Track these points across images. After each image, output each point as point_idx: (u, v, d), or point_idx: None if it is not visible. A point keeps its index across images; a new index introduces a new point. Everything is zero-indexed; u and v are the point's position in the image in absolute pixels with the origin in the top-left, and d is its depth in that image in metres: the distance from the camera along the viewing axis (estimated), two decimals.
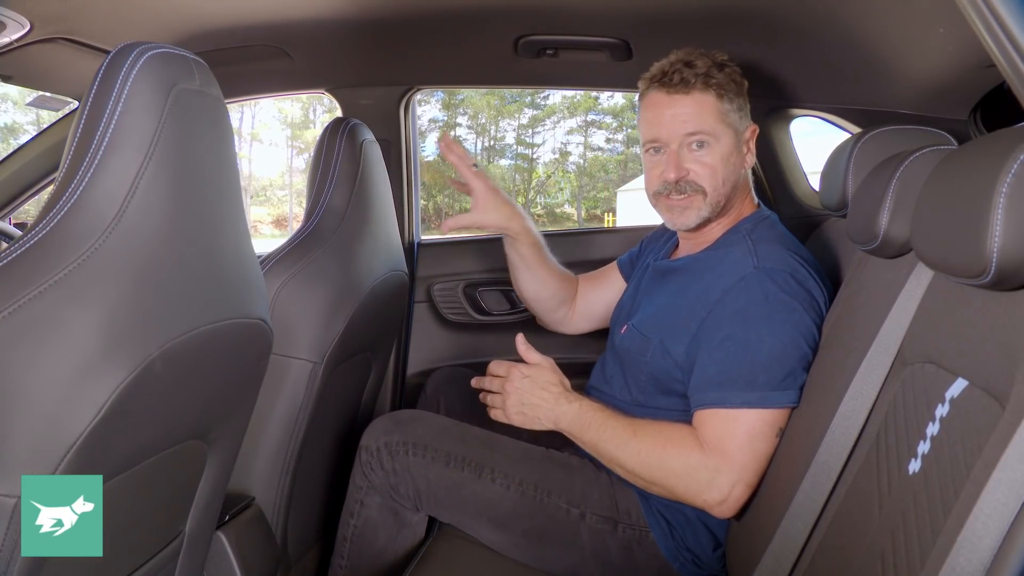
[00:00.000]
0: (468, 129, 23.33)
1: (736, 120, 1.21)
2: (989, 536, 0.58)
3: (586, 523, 1.18)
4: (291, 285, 1.18)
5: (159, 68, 0.72)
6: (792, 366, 1.07)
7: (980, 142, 0.72)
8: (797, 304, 1.09)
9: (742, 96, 1.22)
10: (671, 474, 1.09)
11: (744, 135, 1.23)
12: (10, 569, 0.65)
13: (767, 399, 1.06)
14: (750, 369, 1.07)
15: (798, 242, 1.22)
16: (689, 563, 1.18)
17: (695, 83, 1.18)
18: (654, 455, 1.10)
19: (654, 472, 1.10)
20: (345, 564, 1.27)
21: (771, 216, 1.26)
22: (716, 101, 1.19)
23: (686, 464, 1.07)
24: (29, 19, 1.23)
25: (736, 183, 1.23)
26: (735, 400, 1.06)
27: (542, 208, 23.66)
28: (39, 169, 1.79)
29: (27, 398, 0.62)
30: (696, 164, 1.19)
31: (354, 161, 1.31)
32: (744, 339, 1.08)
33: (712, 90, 1.18)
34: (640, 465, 1.11)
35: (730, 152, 1.20)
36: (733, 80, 1.21)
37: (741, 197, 1.26)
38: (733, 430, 1.06)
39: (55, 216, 0.67)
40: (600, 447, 1.14)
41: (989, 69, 1.15)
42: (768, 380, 1.06)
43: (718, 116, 1.19)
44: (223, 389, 0.89)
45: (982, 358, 0.68)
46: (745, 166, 1.24)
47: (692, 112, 1.18)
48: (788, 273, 1.11)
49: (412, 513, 1.24)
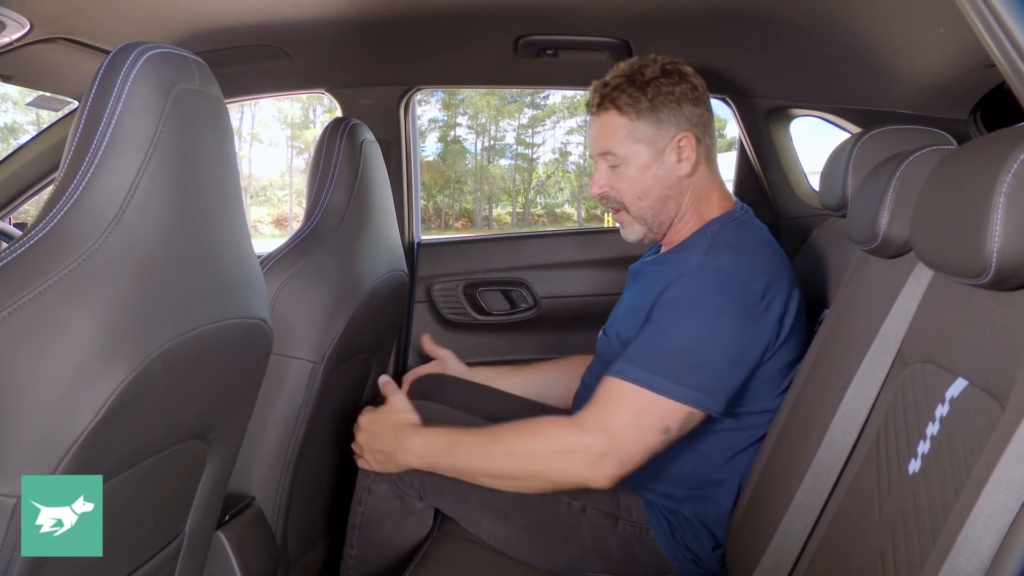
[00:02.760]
0: (468, 129, 23.34)
1: (650, 134, 1.19)
2: (989, 536, 0.58)
3: (587, 517, 1.18)
4: (291, 285, 1.18)
5: (159, 68, 0.72)
6: (701, 364, 1.06)
7: (980, 142, 0.72)
8: (730, 306, 1.08)
9: (665, 108, 1.18)
10: (544, 459, 1.08)
11: (667, 145, 1.20)
12: (10, 569, 0.65)
13: (659, 385, 1.04)
14: (655, 352, 1.07)
15: (768, 244, 1.19)
16: (689, 562, 1.18)
17: (602, 103, 1.21)
18: (521, 447, 1.10)
19: (527, 464, 1.10)
20: (354, 552, 1.28)
21: (742, 216, 1.24)
22: (621, 119, 1.19)
23: (558, 445, 1.08)
24: (29, 19, 1.23)
25: (665, 194, 1.22)
26: (629, 374, 1.06)
27: (542, 208, 23.65)
28: (39, 169, 1.79)
29: (27, 398, 0.62)
30: (615, 180, 1.23)
31: (354, 161, 1.31)
32: (663, 325, 1.09)
33: (616, 109, 1.19)
34: (510, 464, 1.10)
35: (645, 167, 1.20)
36: (652, 94, 1.18)
37: (698, 200, 1.24)
38: (619, 404, 1.06)
39: (55, 216, 0.67)
40: (460, 465, 1.13)
41: (989, 69, 1.15)
42: (668, 368, 1.05)
43: (624, 134, 1.20)
44: (223, 389, 0.89)
45: (982, 358, 0.68)
46: (679, 174, 1.21)
47: (599, 133, 1.22)
48: (731, 273, 1.10)
49: (417, 501, 1.25)
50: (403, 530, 1.26)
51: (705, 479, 1.19)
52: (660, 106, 1.19)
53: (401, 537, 1.26)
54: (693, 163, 1.21)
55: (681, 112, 1.20)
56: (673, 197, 1.23)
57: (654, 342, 1.08)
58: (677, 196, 1.23)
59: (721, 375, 1.07)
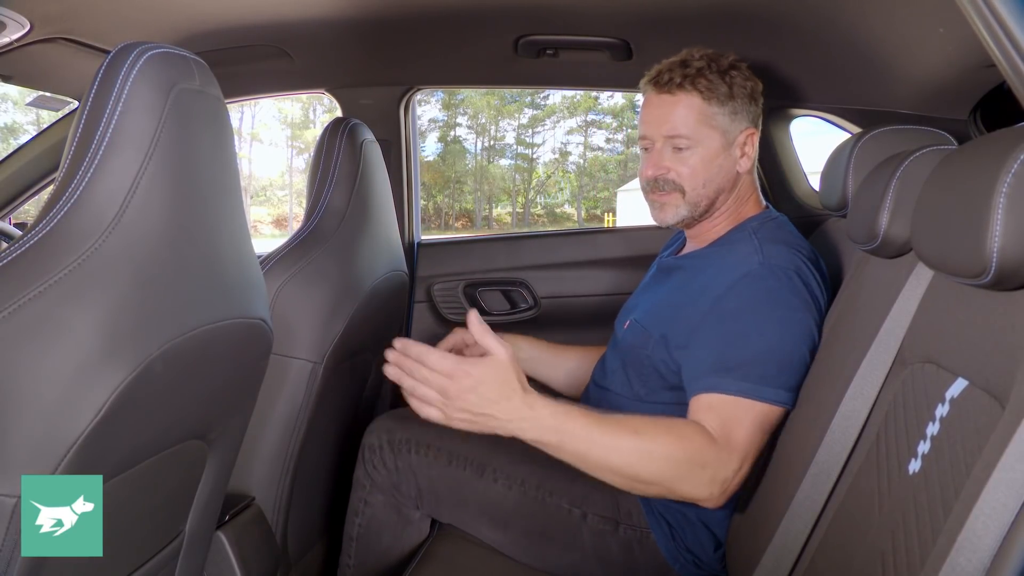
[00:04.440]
0: (468, 129, 23.33)
1: (725, 123, 1.20)
2: (989, 536, 0.58)
3: (587, 523, 1.18)
4: (291, 285, 1.18)
5: (159, 68, 0.72)
6: (786, 364, 1.06)
7: (980, 142, 0.72)
8: (799, 303, 1.09)
9: (740, 99, 1.20)
10: (679, 468, 1.00)
11: (736, 138, 1.21)
12: (10, 569, 0.65)
13: (760, 392, 1.04)
14: (746, 360, 1.06)
15: (805, 242, 1.21)
16: (690, 564, 1.18)
17: (682, 84, 1.18)
18: (661, 449, 0.99)
19: (661, 469, 0.99)
20: (352, 564, 1.27)
21: (780, 217, 1.26)
22: (701, 103, 1.18)
23: (700, 457, 1.00)
24: (29, 19, 1.23)
25: (723, 186, 1.22)
26: (730, 388, 1.04)
27: (542, 208, 23.66)
28: (39, 169, 1.79)
29: (27, 398, 0.62)
30: (677, 164, 1.20)
31: (354, 161, 1.31)
32: (744, 331, 1.08)
33: (697, 92, 1.18)
34: (643, 464, 0.99)
35: (715, 155, 1.20)
36: (730, 83, 1.19)
37: (740, 199, 1.25)
38: (740, 418, 1.03)
39: (55, 216, 0.67)
40: (589, 454, 0.99)
41: (989, 69, 1.15)
42: (762, 374, 1.05)
43: (702, 119, 1.18)
44: (223, 389, 0.89)
45: (982, 358, 0.68)
46: (738, 169, 1.22)
47: (675, 114, 1.19)
48: (793, 271, 1.11)
49: (415, 511, 1.25)
50: (402, 540, 1.26)
51: None
52: (737, 97, 1.20)
53: (400, 547, 1.26)
54: (752, 161, 1.23)
55: (751, 108, 1.22)
56: (726, 190, 1.23)
57: (740, 349, 1.06)
58: (729, 190, 1.23)
59: (800, 369, 1.08)
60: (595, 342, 1.50)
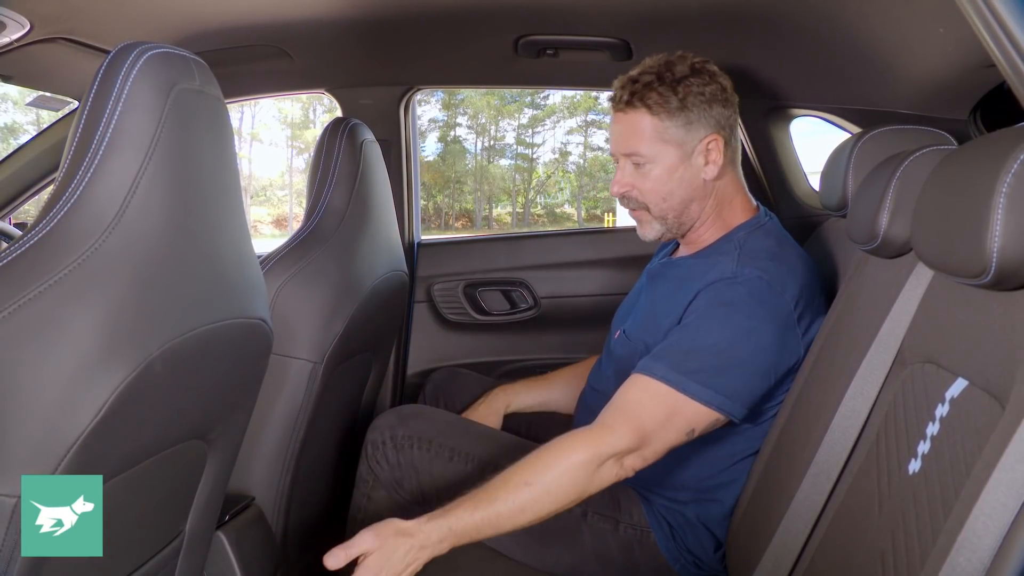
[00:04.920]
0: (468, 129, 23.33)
1: (679, 135, 1.16)
2: (989, 536, 0.58)
3: (587, 521, 1.18)
4: (291, 285, 1.18)
5: (159, 68, 0.72)
6: (730, 368, 1.04)
7: (980, 142, 0.72)
8: (762, 313, 1.07)
9: (696, 108, 1.16)
10: (584, 475, 1.01)
11: (695, 147, 1.17)
12: (10, 569, 0.65)
13: (690, 389, 1.03)
14: (685, 352, 1.05)
15: (793, 249, 1.19)
16: (690, 564, 1.18)
17: (631, 101, 1.17)
18: (555, 479, 1.00)
19: (567, 490, 1.01)
20: None
21: (768, 222, 1.22)
22: (651, 119, 1.16)
23: (592, 455, 1.01)
24: (29, 19, 1.23)
25: (689, 196, 1.19)
26: (657, 371, 1.04)
27: (542, 208, 23.65)
28: (39, 169, 1.79)
29: (27, 398, 0.62)
30: (639, 180, 1.19)
31: (354, 161, 1.31)
32: (693, 330, 1.08)
33: (645, 108, 1.16)
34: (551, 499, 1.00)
35: (672, 169, 1.17)
36: (683, 93, 1.15)
37: (721, 204, 1.22)
38: (650, 404, 1.03)
39: (55, 216, 0.67)
40: (500, 526, 1.01)
41: (989, 69, 1.15)
42: (698, 369, 1.03)
43: (652, 135, 1.16)
44: (223, 389, 0.89)
45: (982, 358, 0.68)
46: (704, 177, 1.19)
47: (625, 132, 1.18)
48: (764, 282, 1.09)
49: (417, 507, 1.25)
50: None
51: (711, 482, 1.18)
52: (690, 107, 1.16)
53: None
54: (720, 167, 1.18)
55: (711, 113, 1.17)
56: (697, 200, 1.20)
57: (684, 342, 1.07)
58: (701, 199, 1.21)
59: (748, 381, 1.06)
60: (595, 342, 1.50)
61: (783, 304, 1.09)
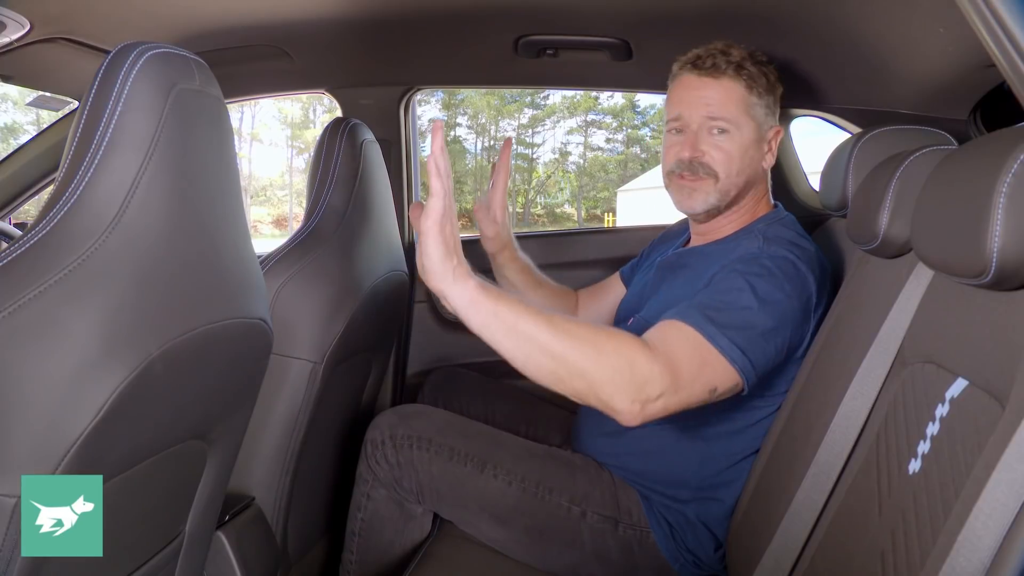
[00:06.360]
0: (468, 129, 23.35)
1: (761, 115, 1.21)
2: (989, 536, 0.58)
3: (587, 522, 1.18)
4: (291, 285, 1.18)
5: (159, 68, 0.72)
6: (756, 335, 1.02)
7: (980, 142, 0.72)
8: (790, 288, 1.07)
9: (772, 95, 1.22)
10: (606, 363, 0.93)
11: (767, 133, 1.23)
12: (10, 569, 0.65)
13: (718, 339, 0.98)
14: (716, 310, 1.02)
15: (810, 242, 1.19)
16: (690, 564, 1.18)
17: (726, 70, 1.18)
18: (593, 339, 0.94)
19: (588, 358, 0.93)
20: (355, 559, 1.28)
21: (787, 217, 1.26)
22: (744, 91, 1.19)
23: (629, 359, 0.94)
24: (29, 19, 1.23)
25: (751, 178, 1.22)
26: (692, 318, 1.00)
27: (542, 208, 23.67)
28: (39, 169, 1.79)
29: (27, 398, 0.62)
30: (713, 148, 1.19)
31: (354, 161, 1.31)
32: (724, 292, 1.05)
33: (742, 80, 1.18)
34: (572, 348, 0.93)
35: (749, 145, 1.20)
36: (766, 77, 1.21)
37: (756, 196, 1.26)
38: (690, 351, 0.98)
39: (55, 216, 0.67)
40: (522, 323, 0.94)
41: (989, 69, 1.15)
42: (728, 323, 1.00)
43: (743, 106, 1.19)
44: (223, 389, 0.89)
45: (982, 358, 0.68)
46: (764, 164, 1.24)
47: (718, 97, 1.19)
48: (791, 262, 1.09)
49: (416, 506, 1.25)
50: (404, 536, 1.26)
51: (711, 481, 1.19)
52: (772, 92, 1.22)
53: (403, 542, 1.26)
54: (774, 160, 1.23)
55: (777, 108, 1.23)
56: (753, 185, 1.24)
57: (715, 301, 1.03)
58: (755, 185, 1.24)
59: (768, 352, 1.04)
60: None
61: (807, 286, 1.10)
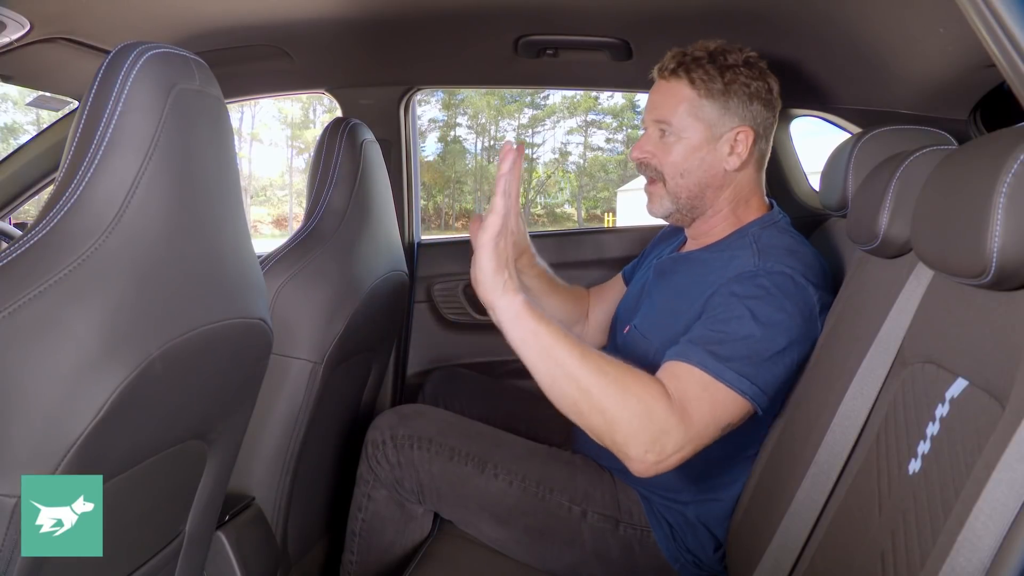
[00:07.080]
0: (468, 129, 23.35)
1: (712, 117, 1.16)
2: (989, 536, 0.58)
3: (587, 521, 1.18)
4: (291, 285, 1.18)
5: (159, 68, 0.72)
6: (759, 358, 1.01)
7: (980, 142, 0.72)
8: (790, 307, 1.06)
9: (736, 97, 1.16)
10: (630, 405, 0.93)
11: (724, 134, 1.17)
12: (10, 569, 0.65)
13: (723, 373, 0.98)
14: (717, 343, 1.01)
15: (808, 247, 1.18)
16: (690, 564, 1.18)
17: (675, 71, 1.17)
18: (623, 379, 0.94)
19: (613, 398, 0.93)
20: (355, 559, 1.28)
21: (782, 220, 1.22)
22: (690, 92, 1.16)
23: (648, 407, 0.94)
24: (29, 19, 1.23)
25: (706, 182, 1.19)
26: (693, 357, 0.99)
27: (542, 208, 23.66)
28: (39, 169, 1.79)
29: (27, 398, 0.62)
30: (660, 150, 1.19)
31: (354, 161, 1.31)
32: (724, 317, 1.04)
33: (688, 80, 1.16)
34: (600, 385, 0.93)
35: (696, 147, 1.17)
36: (729, 79, 1.16)
37: (738, 200, 1.22)
38: (698, 393, 0.97)
39: (55, 216, 0.67)
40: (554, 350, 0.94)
41: (989, 69, 1.15)
42: (730, 356, 0.99)
43: (687, 108, 1.16)
44: (223, 389, 0.89)
45: (982, 358, 0.68)
46: (726, 167, 1.18)
47: (661, 99, 1.19)
48: (788, 276, 1.08)
49: (417, 506, 1.25)
50: (404, 536, 1.26)
51: (711, 482, 1.18)
52: (732, 94, 1.16)
53: (403, 543, 1.26)
54: (743, 160, 1.18)
55: (750, 108, 1.17)
56: (712, 187, 1.20)
57: (714, 334, 1.02)
58: (717, 188, 1.20)
59: (777, 373, 1.03)
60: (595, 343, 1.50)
61: (808, 297, 1.08)
